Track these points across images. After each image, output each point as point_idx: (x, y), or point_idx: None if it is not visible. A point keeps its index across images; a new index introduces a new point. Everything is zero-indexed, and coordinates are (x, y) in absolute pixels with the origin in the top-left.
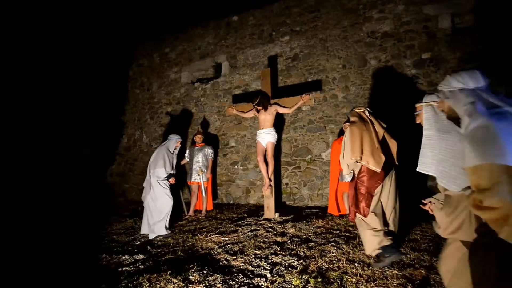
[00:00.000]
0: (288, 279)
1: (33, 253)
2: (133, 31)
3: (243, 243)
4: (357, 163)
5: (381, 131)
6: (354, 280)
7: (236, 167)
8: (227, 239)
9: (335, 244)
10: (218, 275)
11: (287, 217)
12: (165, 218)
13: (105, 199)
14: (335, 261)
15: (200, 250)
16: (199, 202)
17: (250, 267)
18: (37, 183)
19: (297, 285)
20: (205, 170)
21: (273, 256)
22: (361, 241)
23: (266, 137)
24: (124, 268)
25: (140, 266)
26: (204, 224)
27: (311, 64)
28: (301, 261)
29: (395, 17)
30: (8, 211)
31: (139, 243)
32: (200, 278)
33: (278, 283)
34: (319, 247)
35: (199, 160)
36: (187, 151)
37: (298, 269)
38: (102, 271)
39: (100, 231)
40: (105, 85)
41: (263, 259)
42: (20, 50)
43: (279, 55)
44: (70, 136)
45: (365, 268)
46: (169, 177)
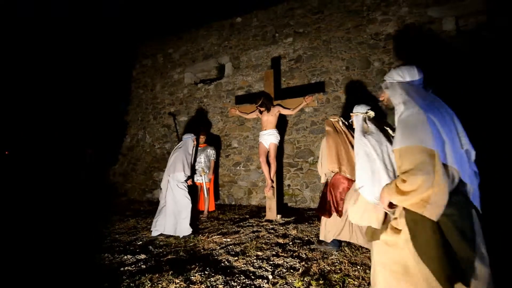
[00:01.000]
0: (290, 281)
1: (36, 252)
2: (137, 31)
3: (245, 244)
4: (332, 172)
5: (352, 141)
6: (356, 282)
7: (238, 168)
8: (229, 240)
9: None
10: (219, 276)
11: (289, 219)
12: (186, 218)
13: (108, 199)
14: (337, 263)
15: (202, 250)
16: (201, 203)
17: (251, 269)
18: (40, 182)
19: (299, 287)
20: (207, 171)
21: (275, 257)
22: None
23: (269, 138)
24: (126, 268)
25: (142, 266)
26: (206, 225)
27: (314, 66)
28: (303, 263)
29: (398, 19)
30: (12, 210)
31: (141, 243)
32: (202, 279)
33: (279, 285)
34: (321, 249)
35: (201, 161)
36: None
37: (300, 271)
38: (105, 271)
39: (102, 230)
40: (108, 85)
41: (264, 261)
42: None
43: (282, 56)
44: (73, 135)
45: (367, 271)
46: (187, 179)
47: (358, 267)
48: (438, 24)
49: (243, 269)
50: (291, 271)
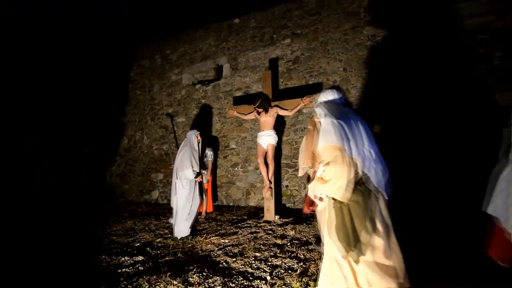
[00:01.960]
0: (288, 281)
1: (33, 253)
2: (134, 32)
3: (243, 245)
4: (310, 168)
5: None
6: None
7: (236, 169)
8: (227, 241)
9: None
10: (217, 277)
11: (287, 220)
12: (186, 219)
13: (105, 200)
14: None
15: (200, 252)
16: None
17: (250, 269)
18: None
19: None
20: (205, 172)
21: (273, 258)
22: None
23: (267, 139)
24: (124, 270)
25: (139, 268)
26: (204, 226)
27: (312, 67)
28: (301, 263)
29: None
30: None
31: (138, 244)
32: (200, 280)
33: (278, 286)
34: (320, 249)
35: None
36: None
37: (298, 271)
38: (102, 273)
39: (99, 232)
40: (106, 86)
41: (263, 262)
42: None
43: (280, 57)
44: (71, 136)
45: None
46: (196, 176)
47: None
48: None
49: (241, 270)
50: (289, 271)
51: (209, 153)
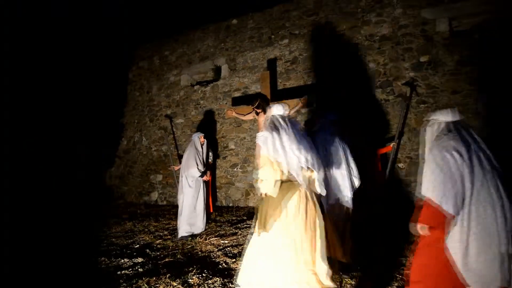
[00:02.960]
0: None
1: (32, 255)
2: (133, 33)
3: (242, 246)
4: None
5: None
6: (353, 282)
7: (235, 169)
8: (226, 242)
9: None
10: (217, 278)
11: None
12: (200, 216)
13: (104, 202)
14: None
15: (200, 253)
16: None
17: None
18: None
19: None
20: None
21: None
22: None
23: None
24: (123, 271)
25: (139, 269)
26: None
27: (310, 67)
28: None
29: (393, 20)
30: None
31: (138, 246)
32: (200, 281)
33: None
34: None
35: None
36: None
37: None
38: (101, 275)
39: (99, 234)
40: (104, 87)
41: None
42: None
43: (278, 58)
44: (70, 137)
45: (366, 271)
46: (202, 175)
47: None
48: (431, 25)
49: None
50: None
51: (209, 153)
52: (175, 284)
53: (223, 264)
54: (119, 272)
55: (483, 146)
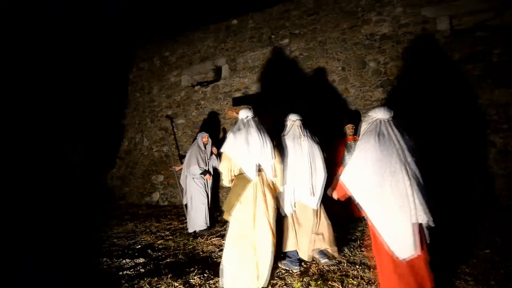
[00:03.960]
0: (289, 281)
1: (34, 256)
2: (133, 34)
3: None
4: None
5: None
6: (355, 282)
7: None
8: None
9: None
10: (218, 278)
11: None
12: (202, 213)
13: (106, 203)
14: (336, 263)
15: (201, 253)
16: None
17: None
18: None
19: (298, 287)
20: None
21: None
22: (362, 243)
23: None
24: (125, 272)
25: (141, 270)
26: None
27: (310, 67)
28: (302, 263)
29: (393, 19)
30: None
31: (139, 246)
32: (201, 282)
33: (279, 286)
34: None
35: None
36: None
37: (299, 271)
38: (103, 275)
39: (100, 234)
40: (105, 88)
41: None
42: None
43: None
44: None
45: (366, 271)
46: (204, 173)
47: (357, 266)
48: (432, 23)
49: None
50: (290, 272)
51: (212, 154)
52: (177, 284)
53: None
54: (121, 273)
55: (400, 139)
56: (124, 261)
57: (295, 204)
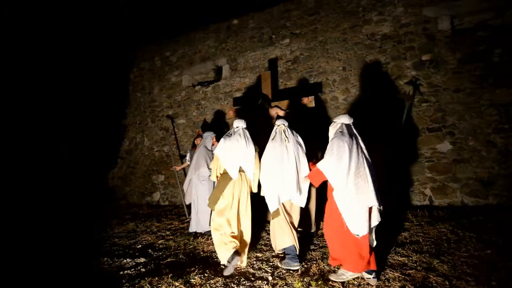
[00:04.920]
0: (290, 281)
1: (34, 256)
2: (134, 35)
3: None
4: None
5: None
6: (355, 282)
7: None
8: None
9: None
10: (219, 278)
11: None
12: (208, 216)
13: (107, 202)
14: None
15: (202, 253)
16: None
17: (251, 270)
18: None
19: (299, 287)
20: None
21: (274, 258)
22: None
23: None
24: (126, 272)
25: (141, 270)
26: None
27: (311, 67)
28: (303, 263)
29: (394, 19)
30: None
31: (140, 246)
32: (202, 282)
33: (279, 286)
34: (321, 249)
35: None
36: (188, 154)
37: (299, 271)
38: (104, 275)
39: (101, 234)
40: (106, 88)
41: (264, 262)
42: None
43: (279, 58)
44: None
45: None
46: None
47: None
48: (433, 23)
49: (242, 270)
50: (291, 272)
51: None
52: (177, 284)
53: (225, 264)
54: (121, 272)
55: (360, 140)
56: (125, 260)
57: (282, 204)
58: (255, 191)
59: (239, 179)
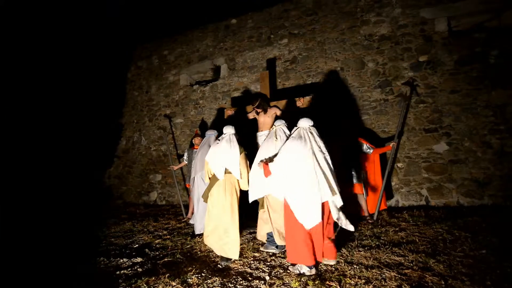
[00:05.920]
0: (287, 281)
1: (31, 255)
2: (132, 33)
3: (242, 246)
4: None
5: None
6: (352, 282)
7: None
8: None
9: None
10: (216, 278)
11: None
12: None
13: (103, 202)
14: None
15: (199, 252)
16: None
17: (249, 270)
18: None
19: (296, 287)
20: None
21: (271, 258)
22: (360, 243)
23: None
24: (122, 271)
25: (138, 269)
26: None
27: (309, 67)
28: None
29: (392, 20)
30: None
31: (137, 245)
32: (199, 281)
33: (276, 286)
34: None
35: None
36: (185, 154)
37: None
38: (100, 275)
39: (98, 234)
40: (103, 87)
41: (261, 262)
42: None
43: (277, 57)
44: (69, 138)
45: (363, 270)
46: None
47: (355, 266)
48: (430, 24)
49: (240, 270)
50: (288, 271)
51: None
52: (174, 284)
53: (222, 263)
54: (118, 272)
55: (318, 140)
56: (121, 260)
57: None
58: (246, 188)
59: (225, 179)
